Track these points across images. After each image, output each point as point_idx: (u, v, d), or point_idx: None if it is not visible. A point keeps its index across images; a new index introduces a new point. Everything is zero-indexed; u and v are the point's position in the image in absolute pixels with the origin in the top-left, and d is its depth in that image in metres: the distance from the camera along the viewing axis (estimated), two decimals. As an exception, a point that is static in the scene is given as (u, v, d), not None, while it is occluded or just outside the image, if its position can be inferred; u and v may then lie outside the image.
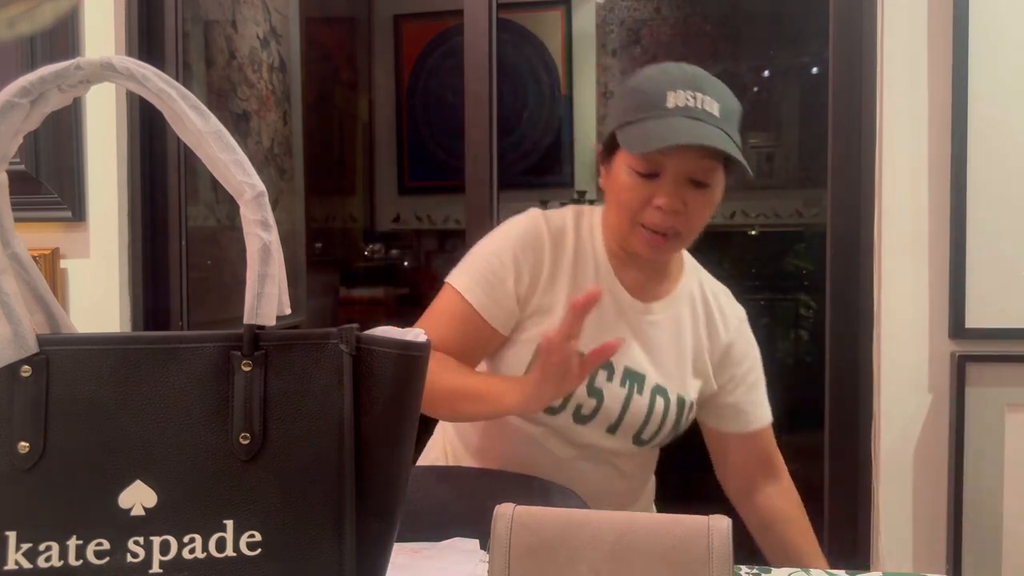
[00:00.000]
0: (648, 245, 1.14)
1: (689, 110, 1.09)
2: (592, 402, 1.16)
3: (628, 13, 4.03)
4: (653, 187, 1.11)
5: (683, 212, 1.11)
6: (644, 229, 1.13)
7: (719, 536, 0.68)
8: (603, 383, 1.16)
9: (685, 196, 1.11)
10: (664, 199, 1.10)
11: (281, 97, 2.98)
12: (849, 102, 1.73)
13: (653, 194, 1.11)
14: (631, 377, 1.17)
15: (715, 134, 1.08)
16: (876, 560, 1.67)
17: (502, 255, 1.18)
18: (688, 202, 1.11)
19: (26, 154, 1.89)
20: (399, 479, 0.64)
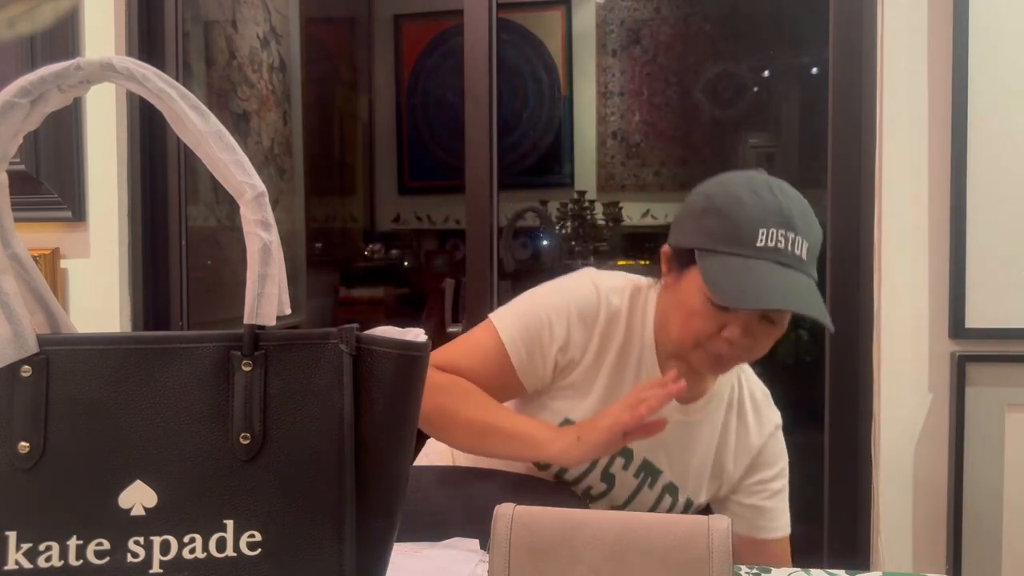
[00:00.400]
0: (710, 367, 1.12)
1: (780, 253, 1.03)
2: (603, 486, 1.17)
3: (628, 13, 4.03)
4: (725, 318, 1.07)
5: (750, 345, 1.09)
6: (709, 355, 1.10)
7: (719, 536, 0.68)
8: (618, 470, 1.16)
9: (757, 332, 1.08)
10: (737, 335, 1.06)
11: (281, 97, 2.98)
12: (849, 102, 1.73)
13: (724, 324, 1.07)
14: (647, 470, 1.17)
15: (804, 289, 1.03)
16: (876, 560, 1.67)
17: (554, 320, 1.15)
18: (758, 336, 1.09)
19: (26, 154, 1.89)
20: (399, 479, 0.64)
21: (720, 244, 1.05)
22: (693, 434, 1.19)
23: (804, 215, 1.06)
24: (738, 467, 1.22)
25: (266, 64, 2.85)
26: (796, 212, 1.05)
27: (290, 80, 3.06)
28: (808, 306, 1.02)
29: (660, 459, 1.17)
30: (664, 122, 4.07)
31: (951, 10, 1.61)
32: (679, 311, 1.10)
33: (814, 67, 3.74)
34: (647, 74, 4.06)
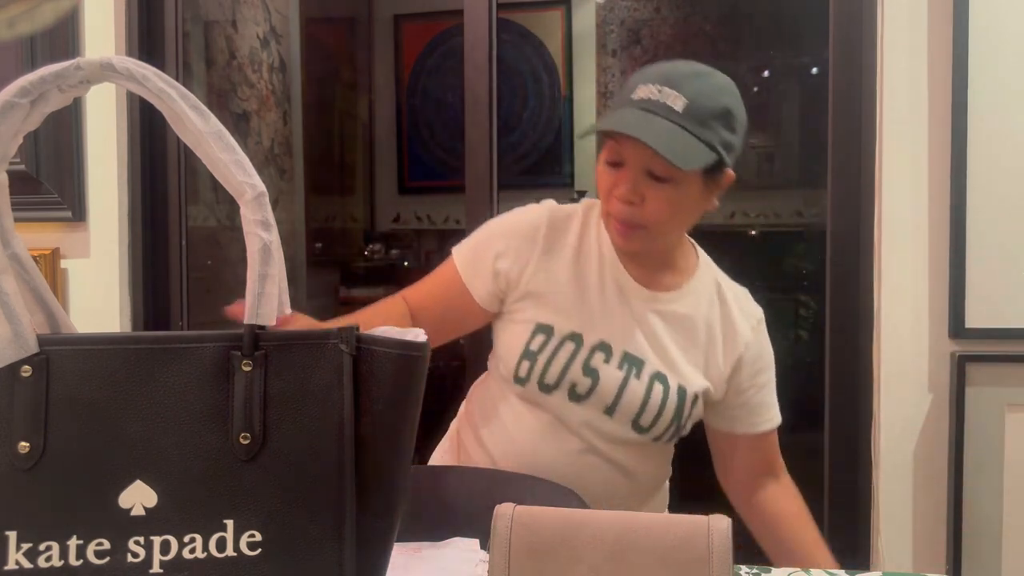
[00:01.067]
0: (616, 234, 1.18)
1: (648, 103, 1.11)
2: (587, 381, 1.17)
3: (628, 13, 4.03)
4: (617, 176, 1.15)
5: (639, 204, 1.13)
6: (612, 218, 1.17)
7: (719, 536, 0.68)
8: (599, 364, 1.17)
9: (644, 189, 1.13)
10: (621, 188, 1.14)
11: (281, 97, 2.98)
12: (849, 102, 1.73)
13: (616, 183, 1.14)
14: (629, 361, 1.18)
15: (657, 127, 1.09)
16: (876, 560, 1.67)
17: (494, 237, 1.25)
18: (647, 195, 1.13)
19: (26, 154, 1.89)
20: (399, 479, 0.64)
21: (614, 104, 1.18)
22: (670, 323, 1.22)
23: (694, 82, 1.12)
24: (727, 362, 1.24)
25: (266, 64, 2.85)
26: (683, 74, 1.12)
27: (290, 80, 3.06)
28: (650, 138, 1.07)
29: (641, 349, 1.19)
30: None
31: (951, 10, 1.61)
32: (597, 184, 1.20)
33: (814, 67, 3.74)
34: (647, 74, 4.05)
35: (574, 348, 1.17)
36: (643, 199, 1.13)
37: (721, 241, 1.36)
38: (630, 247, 1.20)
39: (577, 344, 1.17)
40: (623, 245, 1.19)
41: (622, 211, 1.14)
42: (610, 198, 1.16)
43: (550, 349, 1.18)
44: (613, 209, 1.16)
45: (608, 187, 1.16)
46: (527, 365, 1.19)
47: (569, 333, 1.18)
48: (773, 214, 3.99)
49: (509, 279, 1.22)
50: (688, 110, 1.10)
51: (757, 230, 4.04)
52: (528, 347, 1.18)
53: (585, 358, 1.17)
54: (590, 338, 1.18)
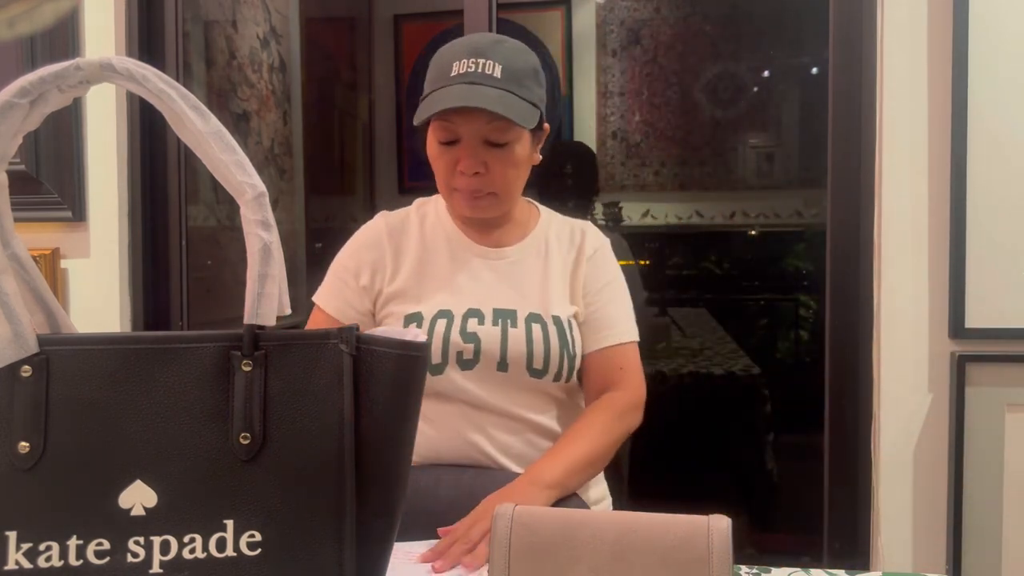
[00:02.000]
0: (466, 206, 1.23)
1: (469, 75, 1.16)
2: (470, 346, 1.20)
3: (628, 13, 4.03)
4: (455, 152, 1.19)
5: (486, 172, 1.19)
6: (459, 193, 1.22)
7: (719, 536, 0.69)
8: (475, 327, 1.21)
9: (485, 157, 1.19)
10: (463, 162, 1.18)
11: (281, 97, 2.98)
12: (849, 102, 1.73)
13: (457, 159, 1.19)
14: (502, 315, 1.23)
15: (485, 94, 1.14)
16: (876, 560, 1.67)
17: (343, 263, 1.29)
18: (489, 162, 1.19)
19: (26, 154, 1.89)
20: (399, 479, 0.64)
21: (427, 88, 1.20)
22: (526, 269, 1.27)
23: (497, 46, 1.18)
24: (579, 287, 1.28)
25: (266, 64, 2.85)
26: (486, 45, 1.18)
27: (290, 80, 3.06)
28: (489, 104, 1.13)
29: (508, 301, 1.24)
30: (664, 122, 4.07)
31: (951, 10, 1.61)
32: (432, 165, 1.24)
33: (814, 67, 3.74)
34: (647, 74, 4.07)
35: (447, 323, 1.21)
36: (487, 167, 1.19)
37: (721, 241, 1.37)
38: (482, 215, 1.25)
39: (448, 318, 1.21)
40: (475, 214, 1.24)
41: (470, 183, 1.19)
42: (454, 175, 1.20)
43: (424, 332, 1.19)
44: (460, 184, 1.20)
45: (449, 165, 1.20)
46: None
47: (437, 312, 1.22)
48: (773, 214, 3.99)
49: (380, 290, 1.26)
50: (506, 74, 1.17)
51: (757, 230, 4.04)
52: None
53: (460, 326, 1.21)
54: (459, 309, 1.22)
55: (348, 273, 1.27)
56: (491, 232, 1.29)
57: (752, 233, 4.04)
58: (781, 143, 3.90)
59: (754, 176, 3.96)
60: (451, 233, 1.29)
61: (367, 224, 1.32)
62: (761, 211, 3.97)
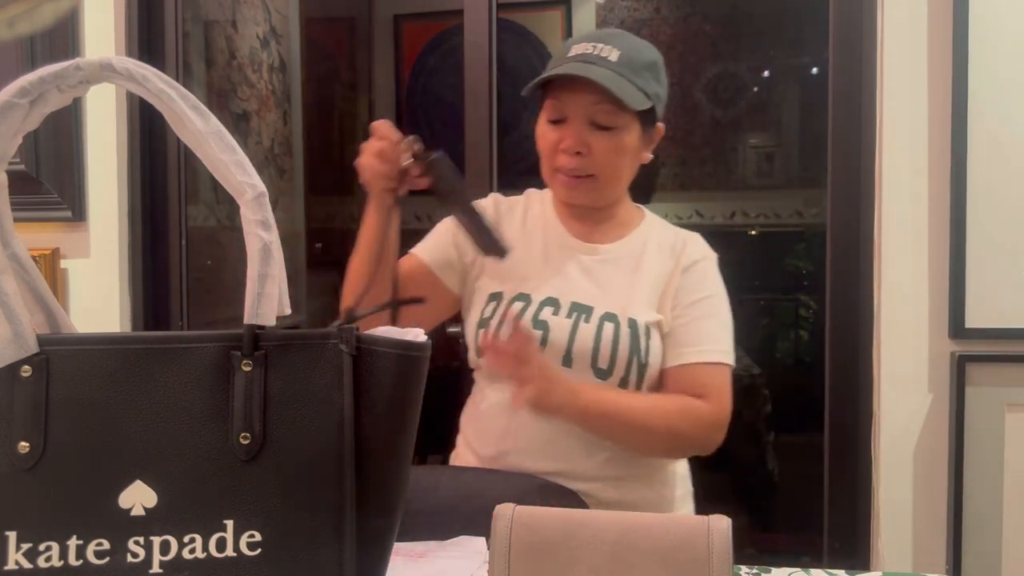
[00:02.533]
0: (564, 187, 1.24)
1: (585, 56, 1.19)
2: (538, 333, 1.20)
3: (628, 13, 4.03)
4: (561, 131, 1.21)
5: (588, 154, 1.20)
6: (560, 173, 1.23)
7: (719, 536, 0.68)
8: (548, 316, 1.21)
9: (589, 139, 1.20)
10: (567, 141, 1.20)
11: (281, 97, 2.98)
12: (849, 102, 1.73)
13: (561, 138, 1.21)
14: (578, 309, 1.22)
15: (598, 72, 1.16)
16: (876, 560, 1.67)
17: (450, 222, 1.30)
18: (593, 145, 1.20)
19: (26, 154, 1.89)
20: (399, 479, 0.64)
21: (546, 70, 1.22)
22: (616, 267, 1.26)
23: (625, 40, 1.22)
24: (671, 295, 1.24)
25: (266, 64, 2.85)
26: (611, 33, 1.23)
27: (290, 80, 3.06)
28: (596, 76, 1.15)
29: (588, 297, 1.23)
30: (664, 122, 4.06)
31: (951, 10, 1.61)
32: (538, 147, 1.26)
33: (814, 67, 3.74)
34: (647, 74, 4.06)
35: (523, 306, 1.22)
36: (589, 149, 1.20)
37: (721, 241, 1.37)
38: (579, 199, 1.26)
39: (526, 302, 1.22)
40: (571, 197, 1.26)
41: (571, 163, 1.21)
42: (556, 154, 1.22)
43: (501, 312, 1.23)
44: (561, 163, 1.22)
45: (553, 144, 1.22)
46: (482, 334, 1.23)
47: (517, 294, 1.23)
48: (773, 214, 3.99)
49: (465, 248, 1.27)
50: (622, 60, 1.19)
51: (757, 230, 4.04)
52: (482, 315, 1.24)
53: (534, 312, 1.21)
54: (538, 295, 1.23)
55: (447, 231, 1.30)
56: (590, 227, 1.29)
57: (752, 233, 4.04)
58: (781, 143, 3.90)
59: (754, 176, 3.96)
60: (550, 222, 1.30)
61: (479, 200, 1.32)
62: (761, 211, 3.97)
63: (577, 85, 1.18)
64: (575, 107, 1.20)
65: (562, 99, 1.20)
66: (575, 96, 1.19)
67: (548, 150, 1.24)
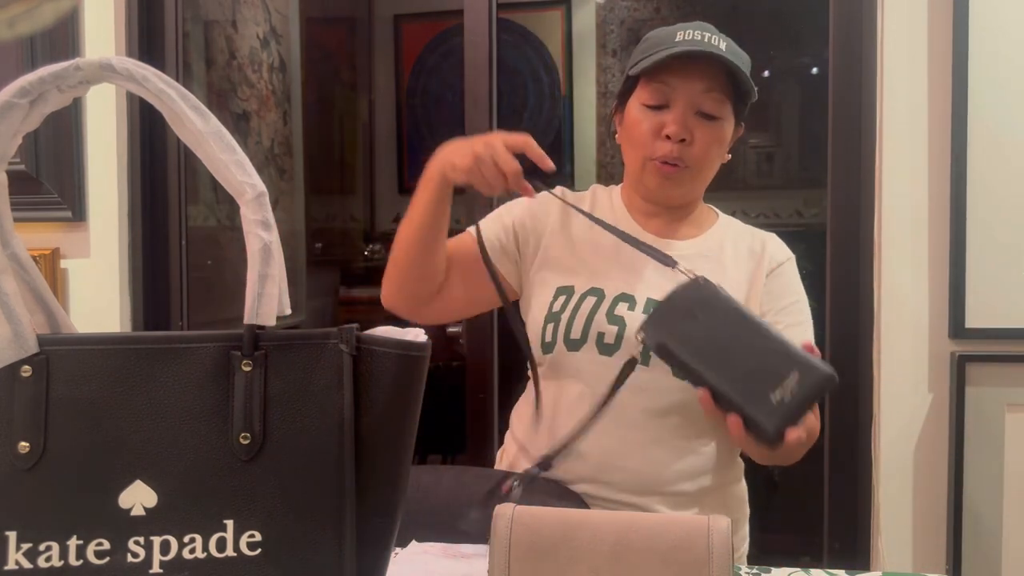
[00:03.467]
0: (659, 175, 1.19)
1: (696, 42, 1.15)
2: (614, 328, 1.16)
3: (628, 13, 4.03)
4: (663, 117, 1.16)
5: (691, 142, 1.16)
6: (655, 162, 1.18)
7: (719, 536, 0.69)
8: (624, 312, 1.16)
9: (693, 127, 1.16)
10: (673, 127, 1.15)
11: (281, 97, 2.98)
12: (849, 102, 1.73)
13: (663, 124, 1.16)
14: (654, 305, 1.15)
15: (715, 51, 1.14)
16: (876, 560, 1.67)
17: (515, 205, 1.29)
18: (696, 133, 1.16)
19: (26, 154, 1.89)
20: (399, 479, 0.64)
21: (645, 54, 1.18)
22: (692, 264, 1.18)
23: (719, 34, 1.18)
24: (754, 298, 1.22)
25: (266, 64, 2.85)
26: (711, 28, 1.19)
27: (290, 80, 3.06)
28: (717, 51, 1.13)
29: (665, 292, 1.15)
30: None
31: (951, 10, 1.61)
32: (628, 135, 1.22)
33: (814, 67, 3.74)
34: (647, 74, 4.06)
35: (596, 301, 1.17)
36: (692, 137, 1.16)
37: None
38: (671, 189, 1.21)
39: (599, 297, 1.17)
40: (665, 187, 1.20)
41: (673, 150, 1.16)
42: (656, 140, 1.17)
43: (572, 306, 1.18)
44: (661, 150, 1.17)
45: (653, 129, 1.17)
46: (551, 328, 1.18)
47: (589, 289, 1.18)
48: (773, 214, 3.99)
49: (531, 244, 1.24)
50: (730, 51, 1.16)
51: (757, 230, 4.03)
52: (551, 309, 1.19)
53: (608, 308, 1.17)
54: (611, 291, 1.18)
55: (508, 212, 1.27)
56: (663, 223, 1.26)
57: (752, 233, 4.04)
58: (781, 143, 3.90)
59: (754, 176, 3.96)
60: (621, 217, 1.26)
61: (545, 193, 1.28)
62: (761, 211, 3.97)
63: (688, 70, 1.15)
64: (683, 92, 1.16)
65: (670, 83, 1.16)
66: (685, 82, 1.15)
67: (645, 136, 1.18)
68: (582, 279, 1.20)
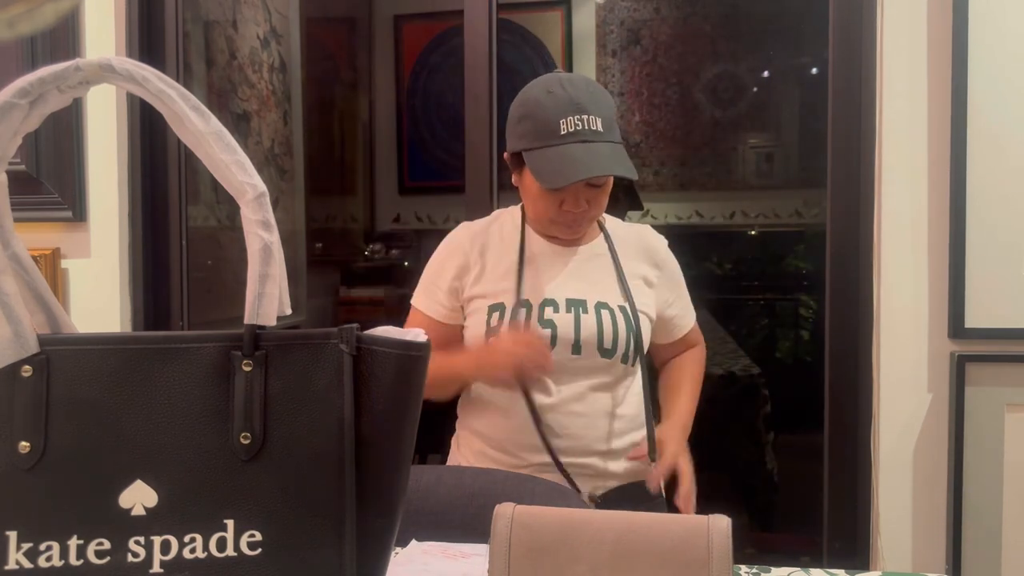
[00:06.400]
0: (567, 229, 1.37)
1: (580, 134, 1.27)
2: (547, 331, 1.34)
3: (628, 13, 4.03)
4: (561, 195, 1.31)
5: (587, 209, 1.33)
6: (559, 224, 1.36)
7: (719, 536, 0.69)
8: (551, 314, 1.34)
9: (587, 196, 1.32)
10: (571, 206, 1.32)
11: (281, 97, 2.98)
12: (849, 102, 1.73)
13: (562, 200, 1.32)
14: (574, 304, 1.36)
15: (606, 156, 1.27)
16: (876, 560, 1.67)
17: (435, 267, 1.44)
18: (590, 200, 1.33)
19: (26, 154, 1.89)
20: (399, 479, 0.64)
21: (535, 142, 1.30)
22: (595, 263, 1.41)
23: (593, 97, 1.30)
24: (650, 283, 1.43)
25: (266, 64, 2.85)
26: (585, 99, 1.29)
27: (290, 80, 3.06)
28: (609, 168, 1.27)
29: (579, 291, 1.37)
30: (664, 122, 4.07)
31: (951, 10, 1.61)
32: (529, 200, 1.38)
33: (814, 67, 3.74)
34: (647, 74, 4.07)
35: (526, 311, 1.34)
36: (588, 204, 1.33)
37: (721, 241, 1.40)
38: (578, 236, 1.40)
39: (527, 308, 1.35)
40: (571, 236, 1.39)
41: (575, 219, 1.34)
42: (560, 214, 1.33)
43: (507, 319, 1.34)
44: (563, 219, 1.34)
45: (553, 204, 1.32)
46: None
47: (517, 302, 1.35)
48: (773, 214, 3.99)
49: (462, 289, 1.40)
50: (605, 126, 1.29)
51: (757, 230, 4.04)
52: (489, 326, 1.35)
53: (538, 315, 1.34)
54: (536, 299, 1.35)
55: (437, 276, 1.42)
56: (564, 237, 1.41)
57: (752, 233, 4.04)
58: (781, 143, 3.90)
59: (754, 176, 3.96)
60: (528, 234, 1.42)
61: (451, 233, 1.45)
62: (761, 211, 3.97)
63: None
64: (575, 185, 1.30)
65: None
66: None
67: (546, 208, 1.33)
68: (508, 296, 1.36)
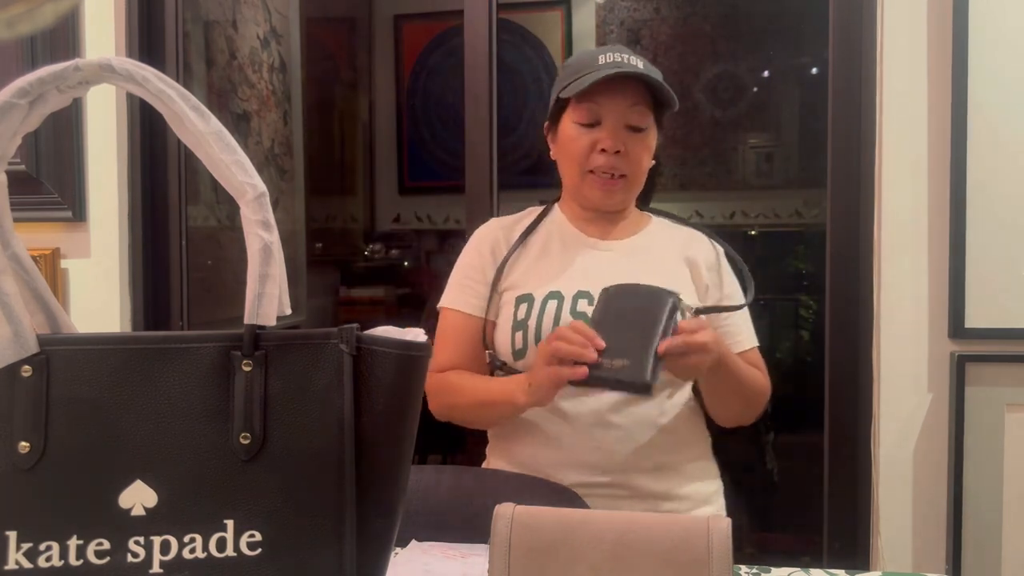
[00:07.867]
0: (600, 188, 1.30)
1: (617, 64, 1.26)
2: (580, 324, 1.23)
3: (628, 13, 4.03)
4: (596, 134, 1.28)
5: (625, 154, 1.28)
6: (593, 175, 1.29)
7: (719, 536, 0.69)
8: (585, 307, 1.26)
9: (624, 139, 1.27)
10: (608, 141, 1.26)
11: (281, 97, 2.98)
12: (849, 102, 1.73)
13: (597, 140, 1.27)
14: None
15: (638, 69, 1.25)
16: (876, 560, 1.67)
17: (464, 259, 1.38)
18: (628, 145, 1.28)
19: (26, 154, 1.89)
20: (399, 478, 0.64)
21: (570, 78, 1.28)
22: (634, 258, 1.34)
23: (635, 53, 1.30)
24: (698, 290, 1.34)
25: (266, 64, 2.85)
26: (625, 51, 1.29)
27: (290, 80, 3.06)
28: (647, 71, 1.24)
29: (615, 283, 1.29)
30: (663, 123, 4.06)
31: (951, 10, 1.61)
32: (564, 151, 1.32)
33: (814, 67, 3.74)
34: (647, 74, 4.05)
35: (557, 303, 1.27)
36: (626, 149, 1.27)
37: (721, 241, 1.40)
38: (612, 200, 1.32)
39: (559, 299, 1.27)
40: (608, 198, 1.31)
41: (609, 162, 1.27)
42: (592, 155, 1.28)
43: (536, 311, 1.27)
44: (598, 163, 1.28)
45: (588, 145, 1.28)
46: (520, 335, 1.27)
47: (548, 293, 1.28)
48: (773, 214, 3.99)
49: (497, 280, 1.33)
50: (646, 68, 1.28)
51: (757, 230, 4.04)
52: (516, 319, 1.28)
53: (570, 306, 1.26)
54: (568, 291, 1.28)
55: (470, 269, 1.36)
56: (603, 228, 1.36)
57: (752, 233, 4.04)
58: (781, 143, 3.90)
59: (754, 176, 3.96)
60: (564, 227, 1.37)
61: (480, 228, 1.41)
62: (761, 211, 3.97)
63: (614, 89, 1.25)
64: (612, 109, 1.27)
65: (599, 102, 1.27)
66: (612, 99, 1.26)
67: (582, 152, 1.28)
68: (539, 287, 1.29)
